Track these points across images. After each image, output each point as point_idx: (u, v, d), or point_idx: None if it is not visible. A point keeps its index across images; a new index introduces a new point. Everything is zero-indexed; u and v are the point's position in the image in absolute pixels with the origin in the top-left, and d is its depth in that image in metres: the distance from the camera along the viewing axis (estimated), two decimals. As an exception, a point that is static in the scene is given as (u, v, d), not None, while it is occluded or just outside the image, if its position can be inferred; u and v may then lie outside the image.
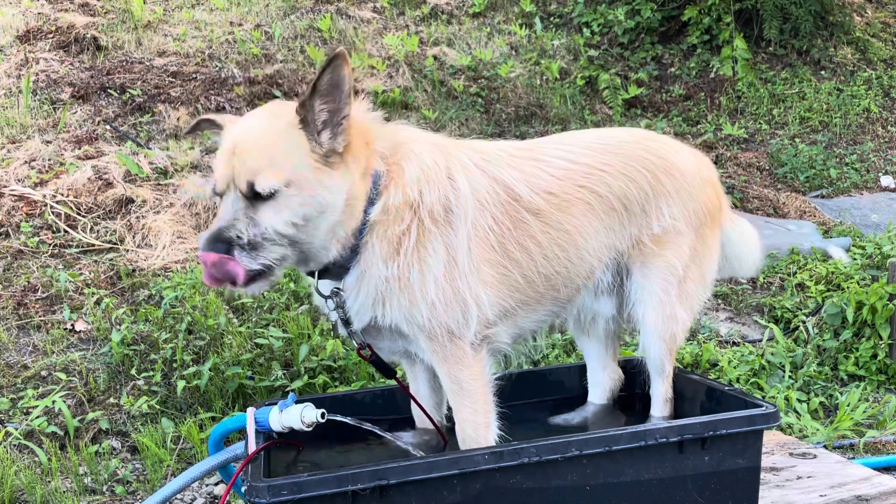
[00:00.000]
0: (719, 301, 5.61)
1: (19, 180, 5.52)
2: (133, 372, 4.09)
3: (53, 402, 3.85)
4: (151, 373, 4.07)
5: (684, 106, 9.15)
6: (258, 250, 2.09)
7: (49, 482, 3.51)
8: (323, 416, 2.25)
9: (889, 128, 9.30)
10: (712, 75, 9.54)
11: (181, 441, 3.79)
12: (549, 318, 2.67)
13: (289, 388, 3.95)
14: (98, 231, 5.25)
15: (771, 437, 3.29)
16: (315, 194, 2.13)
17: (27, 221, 5.17)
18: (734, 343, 5.09)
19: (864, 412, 4.20)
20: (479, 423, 2.39)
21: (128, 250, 5.12)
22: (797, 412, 4.25)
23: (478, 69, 8.50)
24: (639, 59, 9.61)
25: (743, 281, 5.79)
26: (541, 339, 2.78)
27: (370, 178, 2.25)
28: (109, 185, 5.56)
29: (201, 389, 3.97)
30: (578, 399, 3.02)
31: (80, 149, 5.97)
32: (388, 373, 2.55)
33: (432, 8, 9.37)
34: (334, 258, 2.25)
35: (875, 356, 4.74)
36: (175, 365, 4.09)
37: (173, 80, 7.10)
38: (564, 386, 3.09)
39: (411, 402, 2.66)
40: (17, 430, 3.76)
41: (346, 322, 2.37)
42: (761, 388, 4.48)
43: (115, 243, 5.17)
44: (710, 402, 2.72)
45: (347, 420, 2.39)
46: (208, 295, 4.49)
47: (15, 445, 3.71)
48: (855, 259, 5.93)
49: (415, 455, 2.39)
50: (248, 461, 2.16)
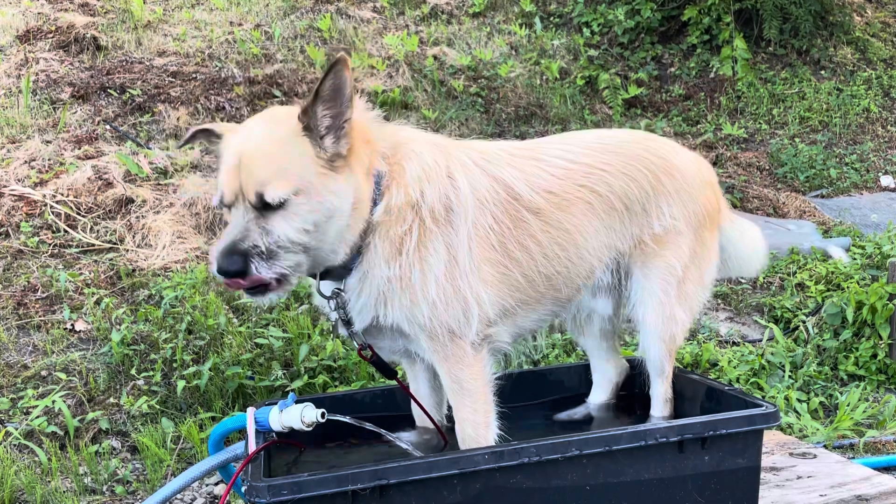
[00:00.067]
0: (719, 301, 5.61)
1: (19, 180, 5.52)
2: (133, 372, 4.09)
3: (53, 401, 3.85)
4: (151, 373, 4.07)
5: (684, 106, 9.15)
6: (274, 258, 2.10)
7: (49, 482, 3.51)
8: (323, 415, 2.25)
9: (889, 128, 9.30)
10: (712, 75, 9.54)
11: (181, 441, 3.79)
12: (550, 317, 2.67)
13: (289, 388, 3.95)
14: (98, 231, 5.25)
15: (771, 437, 3.29)
16: (323, 200, 2.13)
17: (27, 221, 5.17)
18: (734, 343, 5.09)
19: (864, 412, 4.20)
20: (479, 423, 2.39)
21: (128, 250, 5.12)
22: (797, 412, 4.25)
23: (478, 69, 8.50)
24: (639, 59, 9.61)
25: (743, 281, 5.78)
26: (541, 338, 2.78)
27: (373, 179, 2.25)
28: (109, 185, 5.56)
29: (201, 389, 3.97)
30: (579, 399, 3.02)
31: (80, 149, 5.97)
32: (389, 373, 2.55)
33: (432, 8, 9.37)
34: (342, 260, 2.26)
35: (875, 356, 4.74)
36: (175, 365, 4.09)
37: (173, 79, 7.11)
38: (564, 386, 3.09)
39: (411, 402, 2.65)
40: (17, 430, 3.76)
41: (348, 322, 2.37)
42: (761, 388, 4.48)
43: (115, 243, 5.17)
44: (710, 402, 2.72)
45: (348, 420, 2.39)
46: (208, 295, 4.49)
47: (15, 445, 3.71)
48: (855, 259, 5.93)
49: (415, 455, 2.39)
50: (248, 461, 2.16)
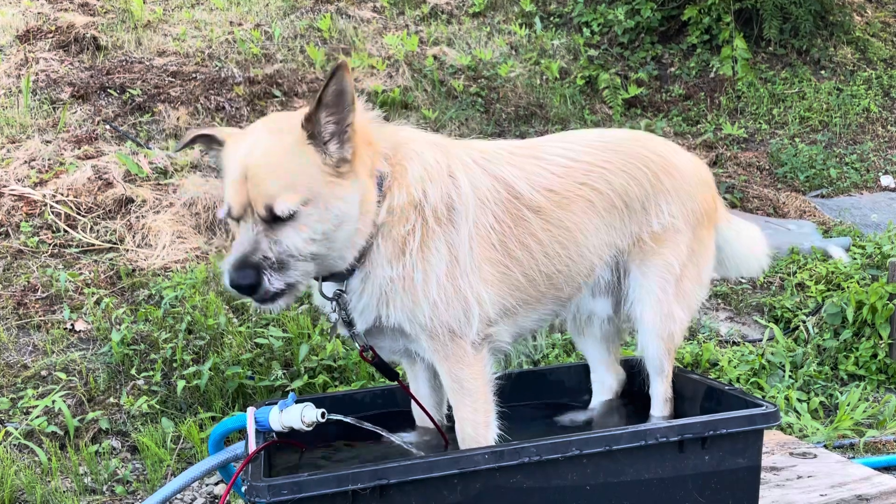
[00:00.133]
0: (719, 301, 5.61)
1: (19, 180, 5.52)
2: (133, 372, 4.09)
3: (53, 401, 3.85)
4: (151, 372, 4.07)
5: (684, 106, 9.15)
6: (285, 268, 2.11)
7: (49, 482, 3.51)
8: (323, 415, 2.25)
9: (889, 127, 9.30)
10: (712, 75, 9.54)
11: (181, 441, 3.79)
12: (550, 316, 2.67)
13: (289, 388, 3.95)
14: (98, 231, 5.25)
15: (771, 437, 3.29)
16: (331, 207, 2.12)
17: (27, 221, 5.17)
18: (734, 343, 5.09)
19: (864, 412, 4.20)
20: (479, 423, 2.39)
21: (128, 250, 5.12)
22: (797, 412, 4.25)
23: (478, 69, 8.50)
24: (639, 58, 9.61)
25: (743, 281, 5.78)
26: (541, 338, 2.78)
27: (375, 180, 2.25)
28: (109, 184, 5.56)
29: (201, 389, 3.97)
30: (579, 399, 3.02)
31: (79, 149, 5.96)
32: (391, 375, 2.55)
33: (432, 8, 9.37)
34: (350, 264, 2.25)
35: (875, 356, 4.74)
36: (175, 365, 4.09)
37: (173, 79, 7.10)
38: (564, 385, 3.09)
39: (411, 402, 2.65)
40: (17, 429, 3.76)
41: (349, 324, 2.36)
42: (761, 388, 4.48)
43: (115, 243, 5.17)
44: (710, 402, 2.72)
45: (348, 420, 2.39)
46: (208, 295, 4.49)
47: (15, 445, 3.71)
48: (855, 259, 5.93)
49: (415, 454, 2.39)
50: (248, 461, 2.16)
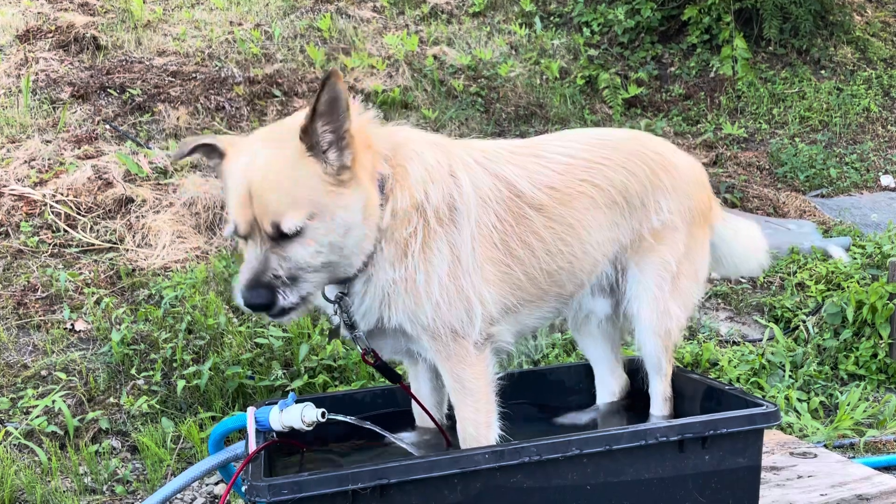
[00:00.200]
0: (719, 300, 5.61)
1: (19, 180, 5.51)
2: (133, 371, 4.09)
3: (53, 401, 3.85)
4: (151, 372, 4.07)
5: (684, 105, 9.15)
6: (297, 282, 2.11)
7: (49, 482, 3.50)
8: (323, 415, 2.25)
9: (889, 127, 9.30)
10: (712, 75, 9.54)
11: (181, 441, 3.79)
12: (553, 314, 2.67)
13: (289, 388, 3.95)
14: (98, 231, 5.25)
15: (771, 437, 3.29)
16: (336, 218, 2.12)
17: (27, 221, 5.17)
18: (734, 342, 5.09)
19: (865, 411, 4.20)
20: (480, 423, 2.39)
21: (128, 250, 5.12)
22: (797, 411, 4.25)
23: (478, 69, 8.50)
24: (639, 58, 9.61)
25: (743, 280, 5.78)
26: (541, 338, 2.78)
27: (377, 183, 2.24)
28: (109, 184, 5.56)
29: (201, 389, 3.96)
30: (579, 398, 3.01)
31: (79, 148, 5.96)
32: (394, 378, 2.54)
33: (432, 7, 9.37)
34: (358, 269, 2.25)
35: (875, 355, 4.74)
36: (175, 364, 4.09)
37: (173, 79, 7.10)
38: (565, 385, 3.09)
39: (412, 402, 2.65)
40: (17, 429, 3.76)
41: (351, 326, 2.36)
42: (761, 388, 4.48)
43: (115, 243, 5.17)
44: (710, 402, 2.72)
45: (348, 419, 2.38)
46: (208, 295, 4.49)
47: (15, 445, 3.70)
48: (855, 258, 5.93)
49: (415, 454, 2.38)
50: (248, 461, 2.16)
